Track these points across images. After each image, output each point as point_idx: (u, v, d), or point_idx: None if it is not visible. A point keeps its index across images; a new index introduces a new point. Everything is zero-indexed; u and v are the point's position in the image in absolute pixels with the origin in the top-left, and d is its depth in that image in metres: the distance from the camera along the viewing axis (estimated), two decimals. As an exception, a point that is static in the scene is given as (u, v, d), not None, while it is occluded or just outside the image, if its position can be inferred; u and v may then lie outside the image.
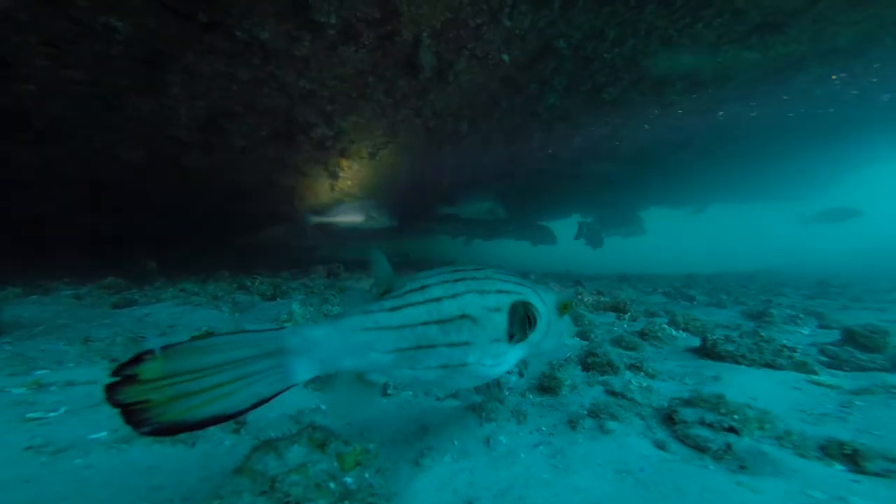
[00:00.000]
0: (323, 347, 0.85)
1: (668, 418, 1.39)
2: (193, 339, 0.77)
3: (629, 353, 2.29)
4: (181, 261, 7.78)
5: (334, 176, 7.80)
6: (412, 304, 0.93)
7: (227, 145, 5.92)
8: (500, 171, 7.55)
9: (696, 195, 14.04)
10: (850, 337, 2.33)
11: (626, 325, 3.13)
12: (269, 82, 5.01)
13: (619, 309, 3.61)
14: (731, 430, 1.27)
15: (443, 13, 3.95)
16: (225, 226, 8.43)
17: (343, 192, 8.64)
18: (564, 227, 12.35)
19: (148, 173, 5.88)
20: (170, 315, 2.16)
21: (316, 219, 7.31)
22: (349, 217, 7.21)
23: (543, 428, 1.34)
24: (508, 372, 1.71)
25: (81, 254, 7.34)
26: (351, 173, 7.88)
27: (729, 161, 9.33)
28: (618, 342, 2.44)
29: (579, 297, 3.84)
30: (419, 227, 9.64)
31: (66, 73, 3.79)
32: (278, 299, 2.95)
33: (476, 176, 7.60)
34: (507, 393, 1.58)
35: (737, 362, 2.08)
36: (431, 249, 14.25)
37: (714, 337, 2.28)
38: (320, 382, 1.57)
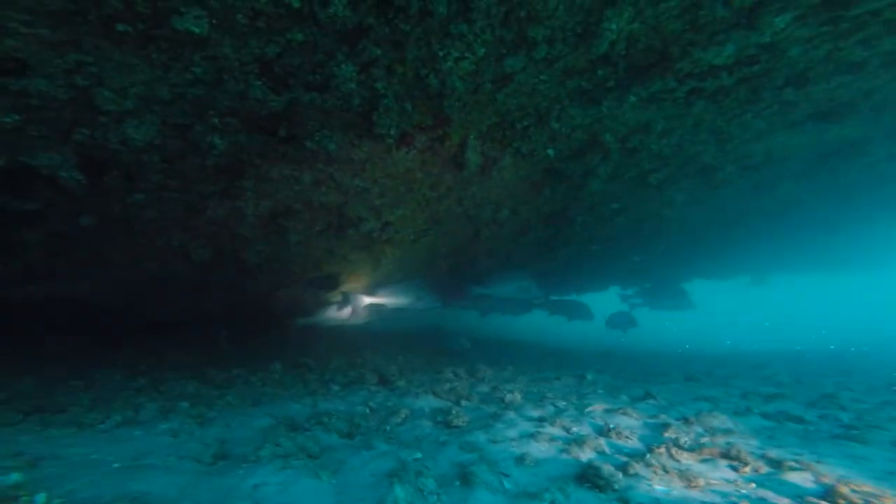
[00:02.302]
0: None
1: None
2: None
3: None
4: (236, 342, 7.99)
5: (377, 262, 8.15)
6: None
7: (284, 240, 6.38)
8: (537, 251, 7.67)
9: (748, 267, 13.52)
10: None
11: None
12: (327, 182, 5.52)
13: (732, 457, 2.69)
14: None
15: (490, 118, 4.40)
16: (273, 310, 8.72)
17: (384, 276, 8.92)
18: (597, 300, 12.03)
19: (213, 267, 6.32)
20: (278, 489, 2.09)
21: (367, 300, 7.51)
22: (397, 298, 7.38)
23: None
24: None
25: (141, 340, 7.68)
26: (392, 259, 8.22)
27: (790, 231, 9.04)
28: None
29: (672, 438, 3.05)
30: (453, 305, 9.67)
31: (168, 182, 4.33)
32: (356, 437, 2.84)
33: (512, 257, 7.74)
34: None
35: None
36: (449, 319, 14.14)
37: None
38: None
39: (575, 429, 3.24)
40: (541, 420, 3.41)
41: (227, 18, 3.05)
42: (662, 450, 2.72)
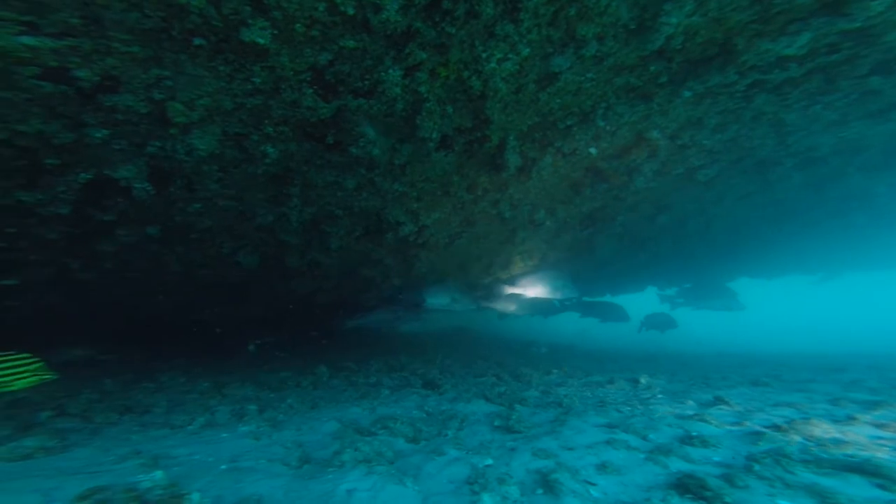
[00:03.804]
0: None
1: None
2: None
3: None
4: (277, 346, 8.22)
5: (411, 265, 8.25)
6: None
7: (325, 245, 6.55)
8: (574, 251, 7.59)
9: (805, 264, 12.76)
10: None
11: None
12: (367, 187, 5.67)
13: (869, 472, 2.32)
14: None
15: (532, 118, 4.41)
16: (312, 314, 8.92)
17: (417, 279, 9.01)
18: (630, 302, 11.69)
19: (259, 273, 6.54)
20: (369, 495, 2.08)
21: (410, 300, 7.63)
22: (438, 300, 7.46)
23: None
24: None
25: (190, 344, 8.00)
26: (426, 262, 8.30)
27: (859, 226, 8.49)
28: None
29: (773, 448, 2.76)
30: (484, 306, 9.65)
31: (223, 191, 4.55)
32: (421, 442, 2.86)
33: (547, 258, 7.67)
34: None
35: None
36: (475, 321, 14.05)
37: None
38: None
39: (652, 436, 3.12)
40: (610, 426, 3.32)
41: (287, 28, 3.20)
42: (769, 460, 2.52)
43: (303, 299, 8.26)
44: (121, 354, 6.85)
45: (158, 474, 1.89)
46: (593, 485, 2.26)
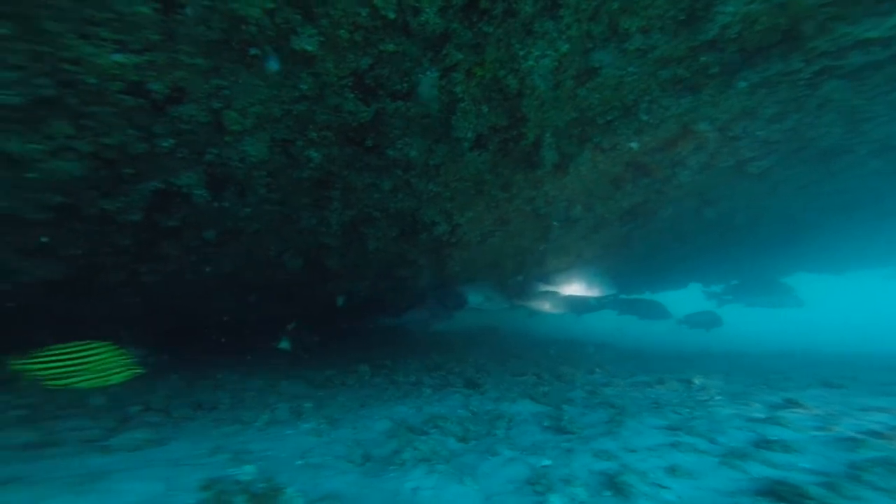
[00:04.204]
0: None
1: None
2: None
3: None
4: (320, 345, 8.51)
5: (444, 264, 8.33)
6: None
7: (363, 247, 6.74)
8: (611, 248, 7.41)
9: (875, 258, 11.72)
10: None
11: None
12: (403, 189, 5.80)
13: None
14: None
15: (570, 114, 4.38)
16: (348, 314, 9.16)
17: (450, 278, 9.09)
18: (670, 299, 11.20)
19: (301, 274, 6.80)
20: (433, 493, 2.11)
21: (440, 300, 7.72)
22: (473, 298, 7.50)
23: None
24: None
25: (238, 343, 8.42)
26: (459, 261, 8.36)
27: None
28: None
29: (882, 457, 2.52)
30: (517, 304, 9.58)
31: (270, 196, 4.79)
32: (470, 441, 2.91)
33: (583, 254, 7.54)
34: None
35: None
36: (504, 319, 13.88)
37: None
38: None
39: (721, 439, 2.97)
40: (671, 429, 3.21)
41: (332, 35, 3.34)
42: (880, 470, 2.28)
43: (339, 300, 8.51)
44: (175, 353, 7.31)
45: (250, 468, 2.05)
46: (666, 488, 2.20)
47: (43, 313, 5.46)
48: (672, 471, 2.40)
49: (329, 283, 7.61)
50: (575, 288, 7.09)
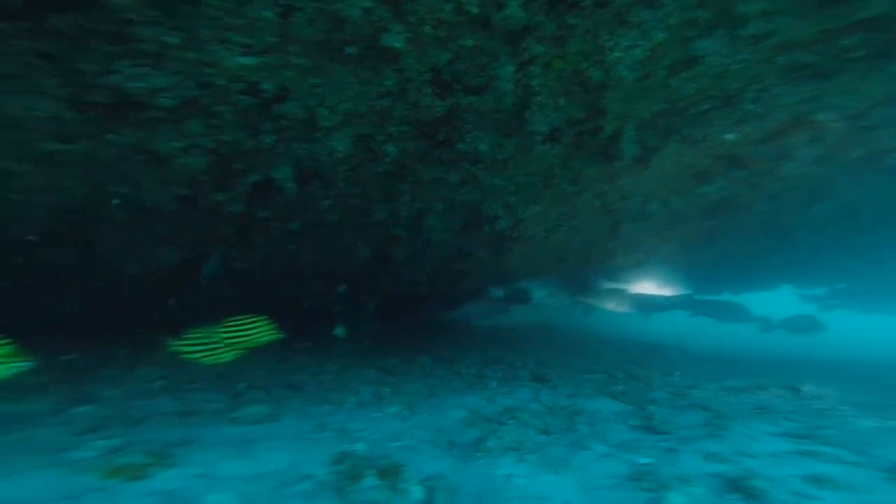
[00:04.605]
0: None
1: None
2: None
3: None
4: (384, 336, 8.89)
5: (504, 258, 8.30)
6: None
7: (427, 239, 6.91)
8: (689, 244, 6.92)
9: None
10: None
11: None
12: (470, 182, 5.85)
13: None
14: None
15: (657, 105, 4.14)
16: (407, 306, 9.45)
17: (509, 272, 9.05)
18: (760, 301, 10.11)
19: (369, 264, 7.12)
20: (527, 482, 2.14)
21: (501, 294, 7.74)
22: (538, 294, 7.44)
23: None
24: None
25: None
26: (520, 255, 8.28)
27: None
28: None
29: None
30: (580, 301, 9.29)
31: (349, 189, 5.07)
32: (552, 434, 2.87)
33: (655, 251, 7.11)
34: None
35: None
36: (559, 316, 13.43)
37: None
38: None
39: (877, 452, 2.67)
40: (794, 436, 2.96)
41: (417, 31, 3.44)
42: None
43: (400, 291, 8.79)
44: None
45: (362, 446, 2.25)
46: (817, 500, 2.03)
47: (160, 298, 6.22)
48: (817, 481, 2.22)
49: (393, 274, 7.91)
50: (644, 286, 6.71)
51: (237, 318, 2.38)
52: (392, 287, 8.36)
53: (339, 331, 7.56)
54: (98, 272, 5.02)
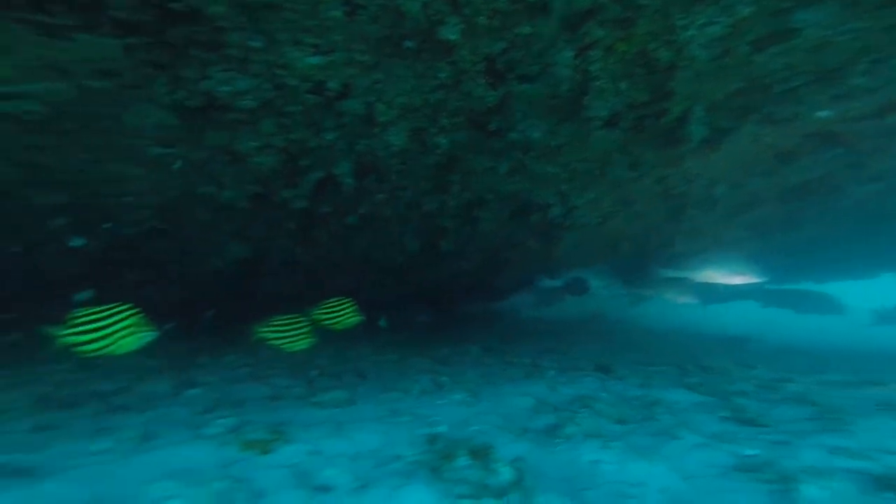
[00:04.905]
0: None
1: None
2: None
3: None
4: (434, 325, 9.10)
5: (553, 247, 8.12)
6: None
7: (476, 229, 6.92)
8: (762, 230, 6.34)
9: None
10: None
11: None
12: (520, 171, 5.75)
13: None
14: None
15: (734, 83, 3.80)
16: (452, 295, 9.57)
17: (558, 262, 8.85)
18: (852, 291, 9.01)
19: (416, 256, 7.25)
20: (616, 468, 2.14)
21: (551, 284, 7.62)
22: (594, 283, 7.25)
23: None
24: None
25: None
26: (571, 244, 8.06)
27: None
28: None
29: None
30: (634, 291, 8.87)
31: (401, 182, 5.18)
32: (629, 424, 2.81)
33: (721, 237, 6.58)
34: None
35: None
36: (608, 307, 12.87)
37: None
38: None
39: None
40: None
41: (472, 22, 3.41)
42: None
43: (446, 281, 8.89)
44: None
45: (443, 429, 2.37)
46: None
47: (233, 289, 6.77)
48: None
49: (440, 264, 8.01)
50: (709, 275, 6.24)
51: (328, 301, 2.54)
52: (439, 278, 8.48)
53: (382, 322, 7.78)
54: (189, 266, 5.59)
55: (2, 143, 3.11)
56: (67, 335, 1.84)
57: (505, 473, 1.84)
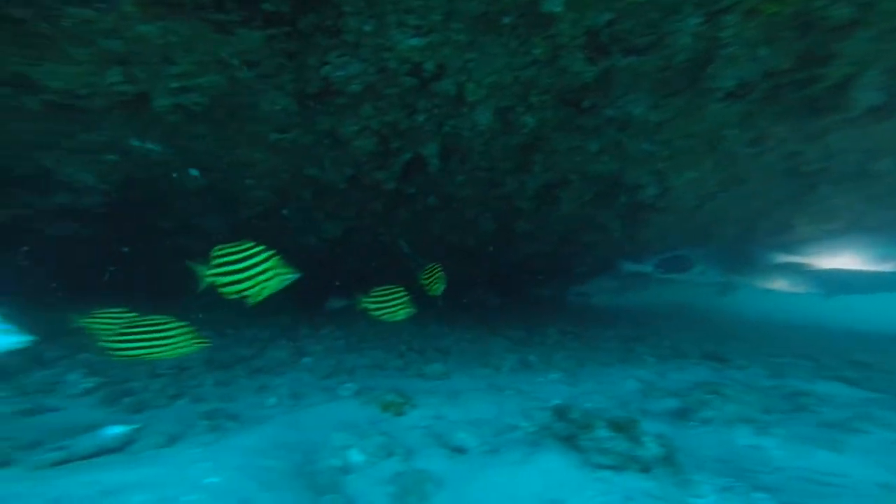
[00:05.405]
0: None
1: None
2: None
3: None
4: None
5: (637, 230, 7.51)
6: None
7: (555, 210, 6.59)
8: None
9: None
10: None
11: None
12: (611, 150, 5.29)
13: None
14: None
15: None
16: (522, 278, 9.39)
17: (641, 245, 8.20)
18: None
19: (489, 237, 7.15)
20: (790, 455, 2.02)
21: (634, 268, 7.14)
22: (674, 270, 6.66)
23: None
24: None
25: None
26: (658, 226, 7.39)
27: None
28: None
29: None
30: (731, 279, 7.92)
31: (481, 163, 5.09)
32: (773, 414, 2.58)
33: (863, 218, 5.44)
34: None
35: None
36: (692, 296, 11.54)
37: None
38: None
39: None
40: None
41: (578, -8, 3.09)
42: None
43: (518, 264, 8.68)
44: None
45: (558, 401, 2.42)
46: None
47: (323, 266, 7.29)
48: None
49: (513, 246, 7.84)
50: (844, 260, 5.23)
51: (427, 267, 2.59)
52: (511, 260, 8.34)
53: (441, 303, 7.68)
54: (287, 244, 6.18)
55: (171, 131, 3.58)
56: (212, 275, 1.81)
57: (652, 448, 1.77)
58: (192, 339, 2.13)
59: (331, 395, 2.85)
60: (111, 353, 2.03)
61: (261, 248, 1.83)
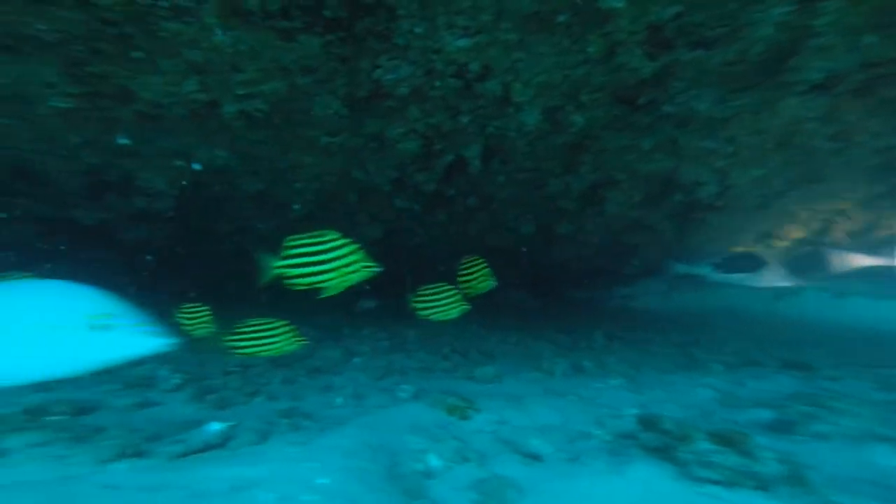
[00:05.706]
0: None
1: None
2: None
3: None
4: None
5: (687, 231, 7.05)
6: None
7: (600, 211, 6.29)
8: None
9: None
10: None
11: None
12: (665, 147, 4.94)
13: None
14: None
15: None
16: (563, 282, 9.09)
17: (690, 247, 7.72)
18: None
19: (527, 239, 6.93)
20: None
21: (684, 270, 6.73)
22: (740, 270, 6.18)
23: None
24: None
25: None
26: (711, 227, 6.90)
27: None
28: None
29: None
30: (802, 284, 7.28)
31: (525, 163, 4.91)
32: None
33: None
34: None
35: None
36: (743, 300, 10.62)
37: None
38: None
39: None
40: None
41: (639, -12, 2.87)
42: None
43: (557, 266, 8.38)
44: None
45: (633, 410, 2.37)
46: None
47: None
48: None
49: (553, 249, 7.56)
50: None
51: (467, 262, 2.47)
52: (550, 262, 8.07)
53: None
54: None
55: (233, 137, 3.75)
56: (282, 266, 1.69)
57: (772, 465, 1.61)
58: (294, 337, 2.33)
59: (390, 396, 2.88)
60: (233, 350, 2.25)
61: (345, 239, 1.75)
